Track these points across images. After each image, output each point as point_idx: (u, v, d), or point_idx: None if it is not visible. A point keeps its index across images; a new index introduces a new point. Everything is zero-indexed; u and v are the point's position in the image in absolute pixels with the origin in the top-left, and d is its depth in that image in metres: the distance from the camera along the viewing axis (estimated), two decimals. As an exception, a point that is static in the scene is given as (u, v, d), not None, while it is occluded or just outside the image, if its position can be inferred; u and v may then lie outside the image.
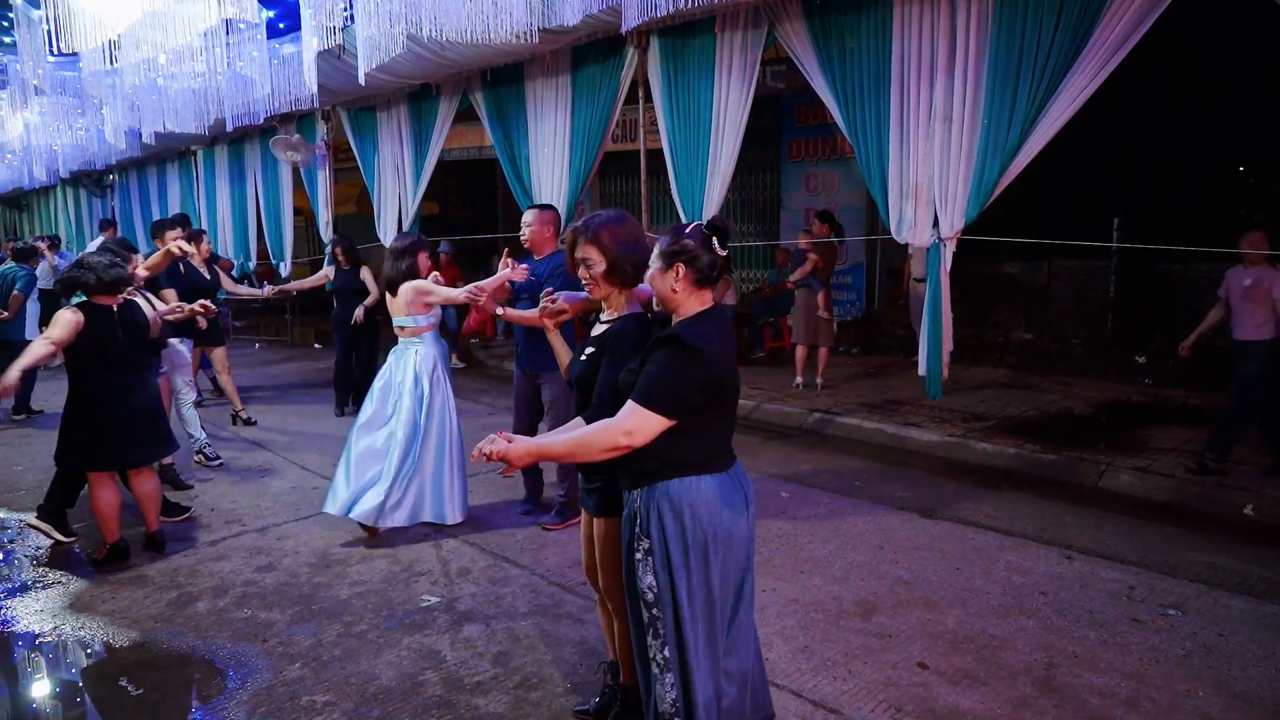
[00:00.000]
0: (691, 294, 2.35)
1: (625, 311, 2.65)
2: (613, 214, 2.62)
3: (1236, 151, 9.36)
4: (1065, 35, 4.78)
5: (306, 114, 10.27)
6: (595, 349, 2.62)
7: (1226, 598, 3.89)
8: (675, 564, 2.28)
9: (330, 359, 10.96)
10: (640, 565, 2.33)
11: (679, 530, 2.28)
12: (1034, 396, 7.59)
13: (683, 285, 2.33)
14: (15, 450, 7.06)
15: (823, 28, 5.75)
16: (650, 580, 2.32)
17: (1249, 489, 5.15)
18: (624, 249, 2.56)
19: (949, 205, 5.38)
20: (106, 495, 4.48)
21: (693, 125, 6.55)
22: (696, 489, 2.29)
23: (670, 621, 2.30)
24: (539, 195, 7.86)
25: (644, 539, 2.32)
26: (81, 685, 3.47)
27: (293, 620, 3.84)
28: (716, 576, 2.32)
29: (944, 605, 3.84)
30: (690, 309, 2.36)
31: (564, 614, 3.83)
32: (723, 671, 2.35)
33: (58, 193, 17.68)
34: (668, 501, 2.29)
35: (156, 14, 5.95)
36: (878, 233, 8.81)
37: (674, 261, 2.33)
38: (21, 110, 9.85)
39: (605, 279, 2.59)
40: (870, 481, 5.68)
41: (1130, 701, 3.06)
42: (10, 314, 8.11)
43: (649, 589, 2.32)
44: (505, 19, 5.60)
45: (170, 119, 8.55)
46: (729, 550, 2.34)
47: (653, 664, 2.34)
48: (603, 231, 2.56)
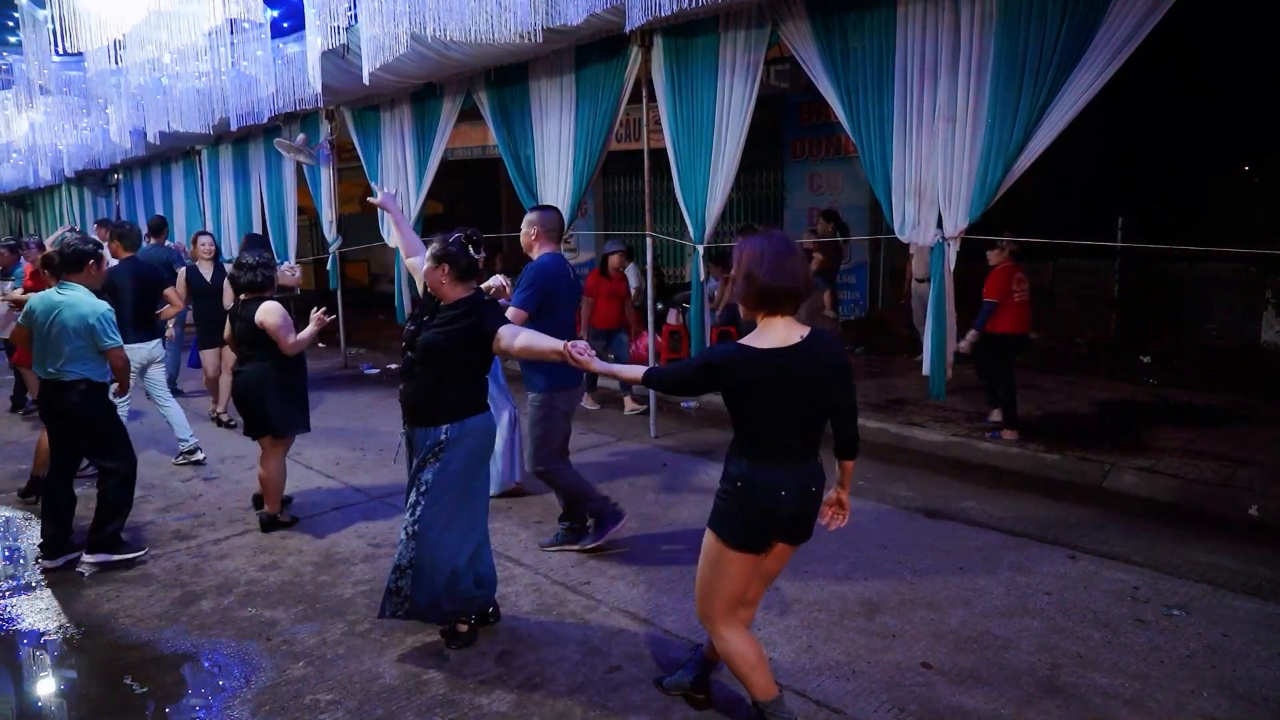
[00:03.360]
0: (454, 285, 3.40)
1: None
2: (767, 238, 2.65)
3: (1240, 150, 9.33)
4: (1069, 34, 4.77)
5: (310, 113, 10.29)
6: None
7: (1231, 598, 3.88)
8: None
9: (332, 359, 11.00)
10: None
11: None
12: (1038, 396, 7.57)
13: (448, 279, 3.38)
14: (24, 449, 7.08)
15: (826, 27, 5.74)
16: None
17: (1254, 489, 5.14)
18: (744, 267, 2.67)
19: (953, 205, 5.37)
20: (282, 464, 5.00)
21: (696, 125, 6.54)
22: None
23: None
24: (543, 195, 7.86)
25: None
26: (85, 684, 3.47)
27: (296, 619, 3.85)
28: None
29: (948, 605, 3.84)
30: (455, 295, 3.41)
31: (567, 613, 3.83)
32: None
33: (62, 192, 17.74)
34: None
35: (161, 14, 5.97)
36: (881, 232, 8.80)
37: (441, 262, 3.36)
38: (27, 110, 9.89)
39: (741, 299, 2.76)
40: (874, 481, 5.67)
41: (1134, 702, 3.06)
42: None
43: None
44: (509, 18, 5.60)
45: (175, 118, 8.57)
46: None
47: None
48: (744, 247, 2.67)
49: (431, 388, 3.43)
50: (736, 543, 2.67)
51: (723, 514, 2.69)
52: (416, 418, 3.48)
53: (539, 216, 4.56)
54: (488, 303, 3.52)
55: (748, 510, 2.63)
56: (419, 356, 3.44)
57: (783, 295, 2.57)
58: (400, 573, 3.43)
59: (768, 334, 2.60)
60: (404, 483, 5.48)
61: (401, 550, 3.43)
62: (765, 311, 2.61)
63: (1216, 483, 5.29)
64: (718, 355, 2.63)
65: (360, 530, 4.95)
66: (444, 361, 3.40)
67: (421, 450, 3.45)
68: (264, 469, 4.95)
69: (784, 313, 2.61)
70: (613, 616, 3.78)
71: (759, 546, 2.68)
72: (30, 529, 5.15)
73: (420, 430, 3.47)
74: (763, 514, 2.63)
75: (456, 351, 3.40)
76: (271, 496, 5.00)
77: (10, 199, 21.11)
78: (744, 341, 2.61)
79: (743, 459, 2.65)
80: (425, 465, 3.41)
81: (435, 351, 3.40)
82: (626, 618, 3.76)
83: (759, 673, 2.72)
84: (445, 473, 3.40)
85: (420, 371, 3.45)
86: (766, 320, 2.61)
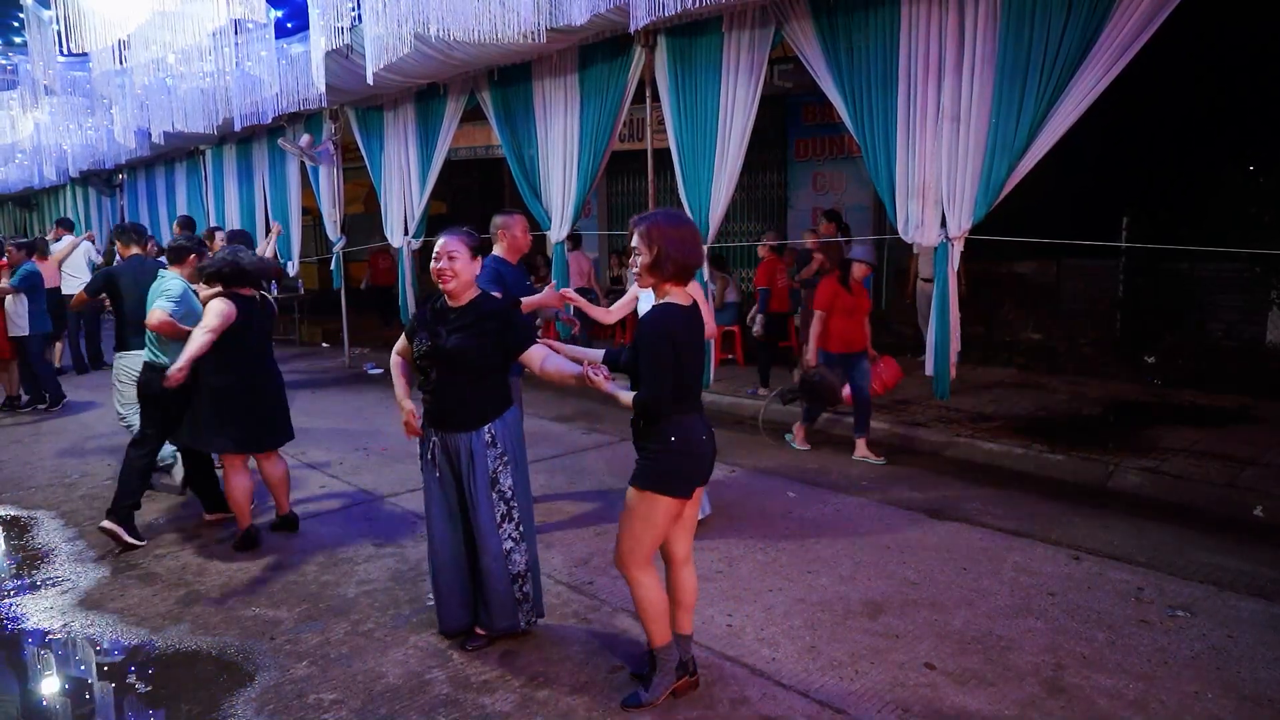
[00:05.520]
0: (471, 285, 3.37)
1: (669, 300, 2.95)
2: (671, 213, 2.93)
3: (1246, 150, 9.30)
4: (1074, 34, 4.76)
5: (314, 114, 10.31)
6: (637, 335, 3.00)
7: (1236, 599, 3.87)
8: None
9: (335, 358, 11.02)
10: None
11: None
12: (1042, 396, 7.56)
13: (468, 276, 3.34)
14: (25, 448, 7.10)
15: (830, 27, 5.74)
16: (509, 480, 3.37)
17: (1259, 490, 5.12)
18: (671, 247, 2.82)
19: (957, 205, 5.37)
20: (242, 481, 4.66)
21: (700, 124, 6.54)
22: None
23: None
24: (546, 195, 7.87)
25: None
26: (90, 683, 3.48)
27: (300, 618, 3.86)
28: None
29: (951, 606, 3.83)
30: (469, 297, 3.36)
31: (570, 613, 3.83)
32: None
33: (67, 192, 17.79)
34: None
35: (166, 14, 5.98)
36: (885, 232, 8.80)
37: (476, 255, 3.35)
38: (32, 110, 9.90)
39: (648, 270, 2.86)
40: (877, 481, 5.66)
41: (1138, 703, 3.05)
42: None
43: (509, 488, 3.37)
44: (513, 18, 5.61)
45: (179, 119, 8.60)
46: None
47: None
48: (653, 227, 2.83)
49: (470, 392, 3.32)
50: (677, 494, 2.91)
51: (663, 472, 2.88)
52: (456, 423, 3.34)
53: (503, 222, 4.63)
54: (513, 309, 3.48)
55: (685, 461, 2.90)
56: (449, 365, 3.29)
57: (695, 268, 2.91)
58: (521, 579, 3.43)
59: (678, 295, 2.89)
60: (406, 482, 5.45)
61: (514, 559, 3.40)
62: (679, 282, 2.88)
63: (1221, 483, 5.28)
64: (673, 323, 2.84)
65: (364, 530, 4.95)
66: (478, 364, 3.30)
67: (465, 454, 3.33)
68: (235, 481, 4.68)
69: (689, 281, 2.92)
70: (616, 616, 3.78)
71: (691, 492, 2.97)
72: (33, 529, 5.17)
73: (462, 435, 3.33)
74: (697, 459, 2.93)
75: (488, 354, 3.31)
76: (236, 511, 4.72)
77: (15, 199, 21.17)
78: (669, 301, 2.88)
79: (670, 415, 2.85)
80: (496, 471, 3.34)
81: (468, 357, 3.28)
82: (629, 618, 3.75)
83: (660, 623, 3.01)
84: (519, 471, 3.43)
85: (452, 379, 3.32)
86: (676, 288, 2.89)
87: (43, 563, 4.64)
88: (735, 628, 3.66)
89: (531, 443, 6.47)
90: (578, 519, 5.02)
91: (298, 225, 11.37)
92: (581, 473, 5.93)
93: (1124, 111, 7.70)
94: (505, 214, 4.64)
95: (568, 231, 7.99)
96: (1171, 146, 9.92)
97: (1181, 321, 9.17)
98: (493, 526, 3.36)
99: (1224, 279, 8.96)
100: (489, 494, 3.35)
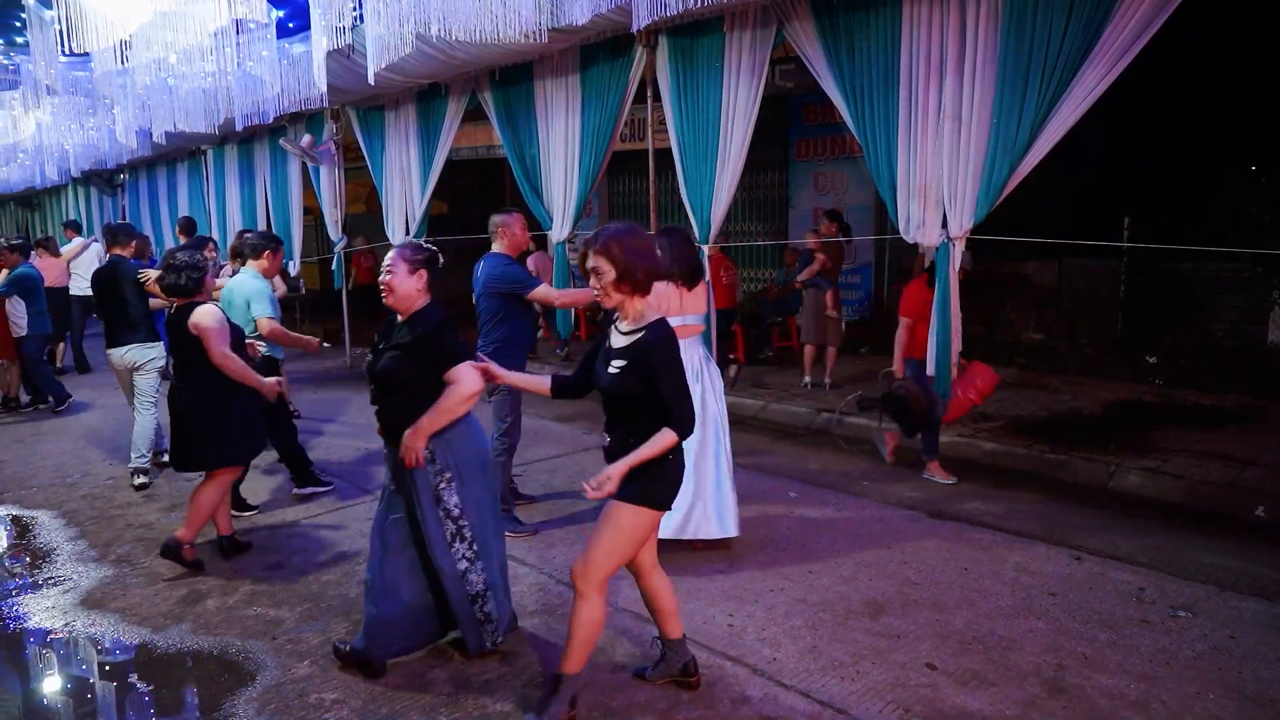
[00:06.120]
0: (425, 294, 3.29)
1: (648, 319, 2.83)
2: (622, 226, 2.83)
3: (1247, 150, 9.29)
4: (1076, 34, 4.75)
5: (316, 113, 10.31)
6: (628, 360, 2.78)
7: (1237, 599, 3.86)
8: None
9: (337, 358, 11.03)
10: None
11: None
12: (1043, 396, 7.56)
13: (423, 288, 3.27)
14: (27, 447, 7.11)
15: (832, 27, 5.74)
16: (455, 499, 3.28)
17: (1261, 490, 5.12)
18: (634, 256, 2.75)
19: (958, 205, 5.36)
20: (216, 497, 4.43)
21: (701, 124, 6.54)
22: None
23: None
24: (548, 195, 7.87)
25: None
26: (92, 682, 3.49)
27: (301, 618, 3.86)
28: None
29: (952, 606, 3.83)
30: (417, 308, 3.26)
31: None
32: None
33: (69, 192, 17.80)
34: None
35: (167, 14, 5.98)
36: (887, 232, 8.79)
37: (419, 268, 3.25)
38: (34, 110, 9.93)
39: (615, 287, 2.76)
40: (878, 481, 5.66)
41: (1140, 703, 3.05)
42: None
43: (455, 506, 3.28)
44: (514, 18, 5.60)
45: (180, 118, 8.59)
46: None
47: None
48: (611, 242, 2.74)
49: (405, 411, 3.22)
50: (669, 506, 2.91)
51: (663, 488, 2.86)
52: (397, 440, 3.25)
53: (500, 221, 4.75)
54: (446, 326, 3.25)
55: (676, 472, 2.90)
56: (378, 384, 3.30)
57: (661, 275, 3.00)
58: (480, 599, 3.33)
59: (649, 307, 2.87)
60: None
61: (470, 579, 3.31)
62: (645, 293, 2.83)
63: (1223, 483, 5.28)
64: (675, 341, 2.82)
65: (365, 529, 4.93)
66: (406, 386, 3.22)
67: (406, 471, 3.27)
68: (197, 492, 4.38)
69: (649, 291, 2.88)
70: (617, 616, 3.78)
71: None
72: (36, 529, 5.18)
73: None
74: (681, 468, 2.93)
75: (415, 377, 3.22)
76: (191, 525, 4.36)
77: (17, 199, 21.18)
78: (660, 316, 2.86)
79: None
80: (438, 489, 3.26)
81: (395, 379, 3.24)
82: (630, 617, 3.76)
83: (586, 649, 2.93)
84: (469, 488, 3.29)
85: (387, 397, 3.30)
86: (643, 300, 2.84)
87: (44, 562, 4.65)
88: (736, 628, 3.66)
89: (532, 442, 6.50)
90: (578, 518, 5.02)
91: (299, 225, 11.38)
92: (582, 473, 5.93)
93: (1126, 111, 7.70)
94: (504, 213, 4.73)
95: (569, 232, 7.99)
96: (1173, 146, 9.90)
97: (1183, 321, 9.16)
98: (444, 547, 3.28)
99: (1225, 279, 8.95)
100: (435, 512, 3.28)
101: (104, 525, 5.15)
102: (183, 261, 4.28)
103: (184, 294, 4.27)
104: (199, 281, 4.29)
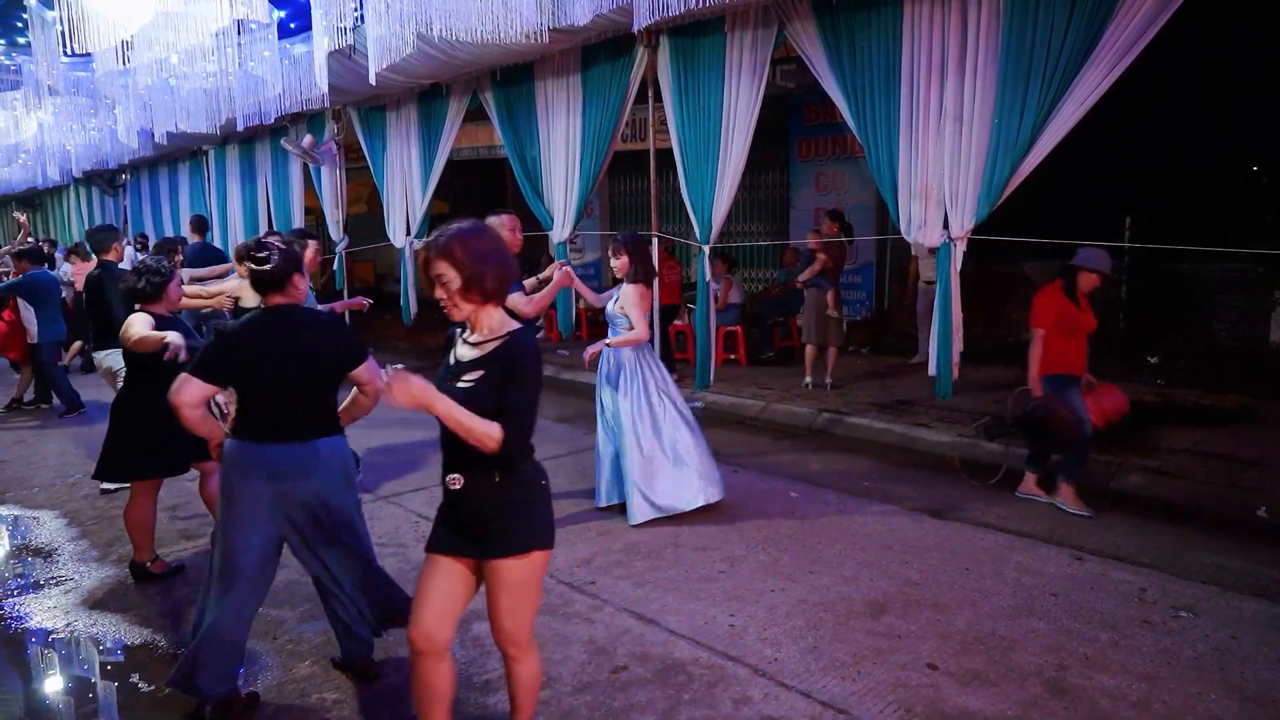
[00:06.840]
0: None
1: (506, 328, 2.40)
2: (467, 225, 2.36)
3: (1248, 150, 9.29)
4: (1077, 34, 4.76)
5: (317, 114, 10.33)
6: (485, 371, 2.33)
7: (1239, 600, 3.86)
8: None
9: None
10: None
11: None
12: (1045, 397, 7.54)
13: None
14: (29, 448, 7.11)
15: (833, 27, 5.74)
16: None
17: (1262, 490, 5.11)
18: (481, 261, 2.31)
19: (959, 205, 5.37)
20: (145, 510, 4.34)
21: (702, 124, 6.55)
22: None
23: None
24: (549, 195, 7.88)
25: None
26: (93, 682, 3.49)
27: (302, 618, 3.86)
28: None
29: (954, 606, 3.83)
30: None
31: (572, 613, 3.83)
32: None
33: (71, 192, 17.83)
34: None
35: (169, 15, 5.99)
36: (888, 232, 8.79)
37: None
38: (35, 110, 9.93)
39: (463, 295, 2.32)
40: (880, 482, 5.66)
41: (1141, 704, 3.05)
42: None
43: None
44: (515, 19, 5.61)
45: (182, 119, 8.61)
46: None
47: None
48: (454, 244, 2.29)
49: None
50: (552, 535, 2.53)
51: (547, 522, 2.50)
52: None
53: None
54: (340, 324, 3.30)
55: (549, 498, 2.52)
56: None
57: (513, 280, 2.49)
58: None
59: (505, 317, 2.44)
60: (408, 481, 5.47)
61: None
62: (499, 300, 2.40)
63: (1224, 483, 5.27)
64: (538, 354, 2.45)
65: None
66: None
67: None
68: (126, 510, 4.30)
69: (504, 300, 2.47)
70: (618, 616, 3.78)
71: None
72: (37, 529, 5.18)
73: None
74: (549, 494, 2.53)
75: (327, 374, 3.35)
76: (136, 543, 4.31)
77: (19, 199, 21.20)
78: (522, 324, 2.45)
79: (530, 453, 2.45)
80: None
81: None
82: (631, 617, 3.76)
83: (535, 697, 2.64)
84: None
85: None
86: (497, 309, 2.41)
87: (46, 562, 4.65)
88: (738, 628, 3.66)
89: (534, 442, 6.48)
90: (578, 518, 5.02)
91: (300, 225, 11.39)
92: (582, 473, 5.93)
93: (1126, 111, 7.69)
94: (495, 214, 4.73)
95: (570, 232, 8.00)
96: (1174, 146, 9.89)
97: (1184, 322, 9.15)
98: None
99: (1226, 279, 8.94)
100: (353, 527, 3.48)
101: (105, 525, 5.15)
102: (146, 266, 4.21)
103: (143, 299, 4.18)
104: (160, 287, 4.17)
